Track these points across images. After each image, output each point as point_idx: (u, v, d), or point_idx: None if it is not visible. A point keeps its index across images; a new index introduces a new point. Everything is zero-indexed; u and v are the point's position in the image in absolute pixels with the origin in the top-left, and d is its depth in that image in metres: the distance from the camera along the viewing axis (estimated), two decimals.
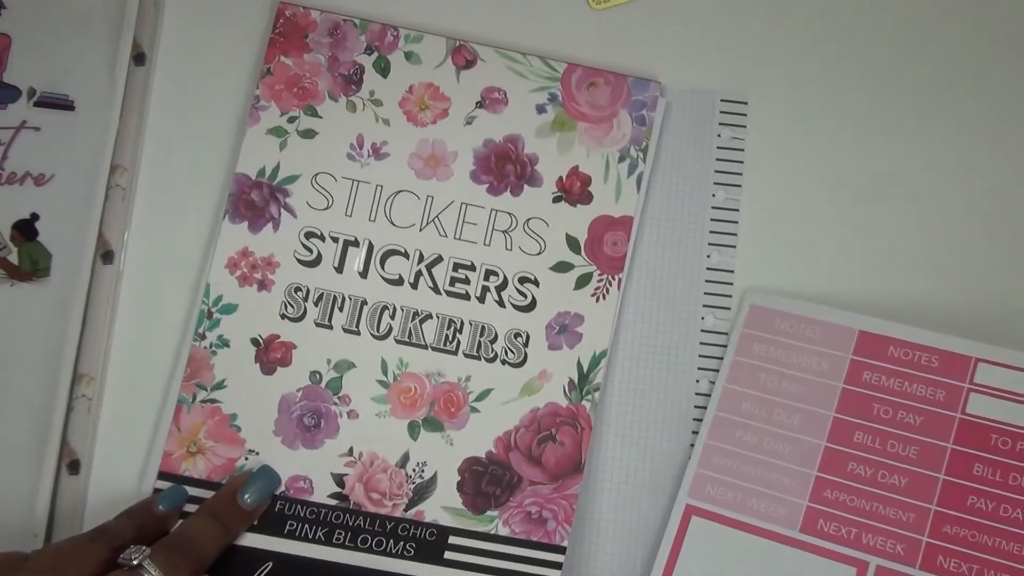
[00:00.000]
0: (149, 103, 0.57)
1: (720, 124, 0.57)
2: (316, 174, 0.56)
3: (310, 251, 0.55)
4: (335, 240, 0.55)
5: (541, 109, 0.56)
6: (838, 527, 0.51)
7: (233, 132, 0.57)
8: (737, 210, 0.56)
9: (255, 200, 0.56)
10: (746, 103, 0.57)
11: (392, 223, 0.56)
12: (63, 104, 0.55)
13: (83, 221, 0.54)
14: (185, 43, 0.58)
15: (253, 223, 0.55)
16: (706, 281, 0.56)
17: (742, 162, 0.57)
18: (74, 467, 0.53)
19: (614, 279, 0.55)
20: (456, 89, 0.57)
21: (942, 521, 0.50)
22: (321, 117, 0.56)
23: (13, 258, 0.54)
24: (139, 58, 0.56)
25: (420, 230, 0.55)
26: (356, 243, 0.55)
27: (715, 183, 0.57)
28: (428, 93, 0.57)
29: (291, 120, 0.56)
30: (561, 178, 0.56)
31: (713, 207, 0.56)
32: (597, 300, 0.54)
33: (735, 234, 0.56)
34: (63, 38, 0.55)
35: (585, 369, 0.54)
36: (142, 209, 0.56)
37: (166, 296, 0.55)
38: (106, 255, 0.55)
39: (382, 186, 0.56)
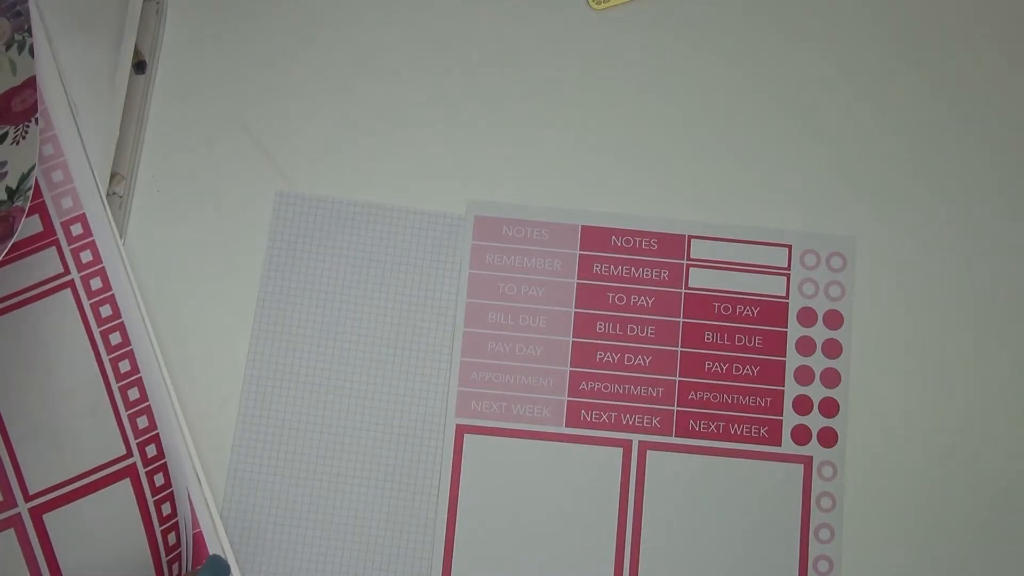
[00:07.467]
0: (148, 112, 0.55)
1: None
2: None
3: None
4: None
5: None
6: (599, 414, 0.53)
7: None
8: None
9: None
10: None
11: None
12: None
13: None
14: (186, 52, 0.56)
15: None
16: None
17: None
18: None
19: (30, 122, 0.51)
20: None
21: (687, 389, 0.54)
22: None
23: None
24: (139, 66, 0.54)
25: None
26: None
27: None
28: None
29: None
30: None
31: None
32: (16, 143, 0.51)
33: None
34: (63, 43, 0.54)
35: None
36: (138, 218, 0.54)
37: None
38: None
39: None
